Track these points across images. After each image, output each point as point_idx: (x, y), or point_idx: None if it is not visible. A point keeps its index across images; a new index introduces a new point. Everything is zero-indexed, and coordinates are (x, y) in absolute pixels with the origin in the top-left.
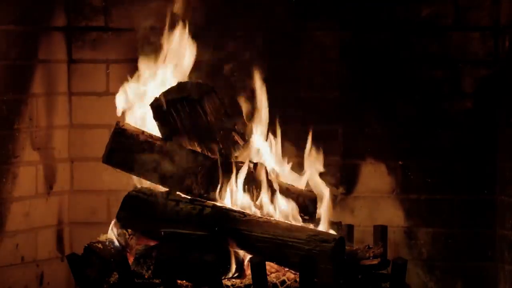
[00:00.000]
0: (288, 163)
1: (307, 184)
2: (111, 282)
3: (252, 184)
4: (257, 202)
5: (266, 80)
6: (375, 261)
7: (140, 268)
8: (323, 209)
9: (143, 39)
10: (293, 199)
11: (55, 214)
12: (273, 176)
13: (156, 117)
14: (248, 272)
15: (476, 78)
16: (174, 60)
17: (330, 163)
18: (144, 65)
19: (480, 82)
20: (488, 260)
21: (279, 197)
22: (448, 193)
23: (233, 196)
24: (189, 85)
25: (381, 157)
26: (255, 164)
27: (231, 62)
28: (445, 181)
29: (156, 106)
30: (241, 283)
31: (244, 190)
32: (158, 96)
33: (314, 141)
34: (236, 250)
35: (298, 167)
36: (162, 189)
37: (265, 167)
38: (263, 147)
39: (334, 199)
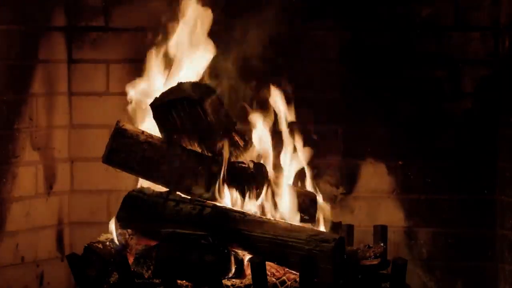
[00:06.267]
0: (288, 163)
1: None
2: (111, 282)
3: (252, 184)
4: (257, 202)
5: (266, 81)
6: (375, 261)
7: (140, 268)
8: (323, 209)
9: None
10: (292, 198)
11: (55, 214)
12: (273, 176)
13: (156, 117)
14: (248, 272)
15: (476, 78)
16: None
17: (330, 163)
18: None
19: (480, 82)
20: (488, 260)
21: (279, 197)
22: (448, 193)
23: (233, 196)
24: (190, 85)
25: (381, 157)
26: (255, 164)
27: (231, 62)
28: (445, 181)
29: (156, 106)
30: (241, 283)
31: (244, 190)
32: (158, 96)
33: (314, 141)
34: (236, 250)
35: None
36: (162, 189)
37: (265, 167)
38: (263, 147)
39: (334, 199)
